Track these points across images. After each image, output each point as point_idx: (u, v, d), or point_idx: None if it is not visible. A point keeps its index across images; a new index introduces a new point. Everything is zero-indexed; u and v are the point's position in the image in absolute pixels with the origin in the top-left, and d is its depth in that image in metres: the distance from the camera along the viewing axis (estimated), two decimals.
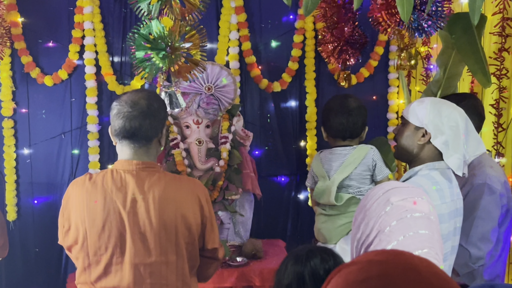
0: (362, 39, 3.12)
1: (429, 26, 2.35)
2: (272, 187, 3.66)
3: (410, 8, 1.81)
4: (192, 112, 3.06)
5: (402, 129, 1.97)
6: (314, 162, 2.73)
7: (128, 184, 1.78)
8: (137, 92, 1.85)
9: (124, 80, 3.51)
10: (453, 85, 2.83)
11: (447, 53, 2.77)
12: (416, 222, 1.22)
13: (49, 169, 3.51)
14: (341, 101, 2.63)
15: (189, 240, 1.83)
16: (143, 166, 1.81)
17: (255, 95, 3.64)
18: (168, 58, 2.17)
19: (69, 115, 3.48)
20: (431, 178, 1.83)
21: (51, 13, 3.44)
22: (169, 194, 1.80)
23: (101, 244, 1.75)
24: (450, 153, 1.83)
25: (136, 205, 1.76)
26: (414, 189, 1.33)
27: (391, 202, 1.26)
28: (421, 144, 1.90)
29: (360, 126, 2.62)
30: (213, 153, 3.11)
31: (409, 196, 1.28)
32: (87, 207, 1.75)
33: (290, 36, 3.60)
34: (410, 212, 1.24)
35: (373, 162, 2.58)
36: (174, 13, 2.22)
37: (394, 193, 1.30)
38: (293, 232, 3.73)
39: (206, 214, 1.88)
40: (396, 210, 1.25)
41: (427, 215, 1.24)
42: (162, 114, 1.86)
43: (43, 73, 3.43)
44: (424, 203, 1.27)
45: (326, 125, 2.68)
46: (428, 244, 1.20)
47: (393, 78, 3.67)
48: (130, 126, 1.78)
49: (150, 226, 1.76)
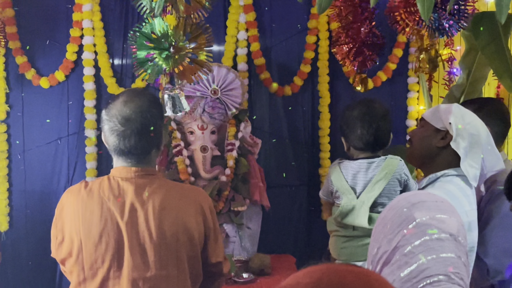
0: (379, 40, 3.12)
1: (451, 26, 2.34)
2: (281, 198, 3.65)
3: (431, 6, 1.80)
4: (197, 117, 3.06)
5: (420, 130, 2.01)
6: (333, 174, 2.52)
7: (126, 192, 1.77)
8: (127, 103, 1.78)
9: (125, 82, 3.52)
10: (477, 89, 2.82)
11: (471, 55, 2.77)
12: (441, 244, 1.18)
13: (44, 176, 3.52)
14: (366, 108, 2.42)
15: (191, 252, 1.82)
16: (142, 173, 1.81)
17: (264, 100, 3.64)
18: (172, 59, 2.17)
19: (66, 119, 3.50)
20: (456, 183, 1.87)
21: (48, 10, 3.46)
22: (170, 203, 1.79)
23: (97, 257, 1.74)
24: (467, 161, 1.86)
25: (135, 214, 1.75)
26: (444, 204, 1.27)
27: (416, 218, 1.21)
28: (440, 147, 1.93)
29: (388, 135, 2.45)
30: (219, 161, 3.11)
31: (437, 214, 1.23)
32: (83, 217, 1.75)
33: (303, 37, 3.59)
34: (437, 232, 1.19)
35: (405, 176, 2.41)
36: (179, 11, 2.22)
37: (420, 208, 1.24)
38: (304, 246, 3.71)
39: (209, 225, 1.86)
40: (420, 229, 1.20)
41: (454, 236, 1.19)
42: (158, 122, 1.83)
43: (39, 75, 3.45)
44: (453, 222, 1.22)
45: (349, 136, 2.46)
46: (453, 269, 1.15)
47: (413, 82, 3.65)
48: (124, 146, 1.77)
49: (150, 238, 1.75)
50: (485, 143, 1.89)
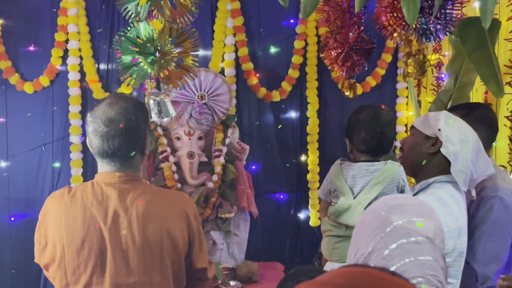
0: (368, 45, 3.14)
1: (438, 30, 2.38)
2: (269, 205, 3.67)
3: (416, 11, 1.83)
4: (184, 122, 3.07)
5: (411, 138, 2.08)
6: (334, 174, 2.61)
7: (110, 198, 1.78)
8: (112, 104, 1.80)
9: (111, 87, 3.53)
10: (465, 95, 2.85)
11: (458, 61, 2.80)
12: (418, 247, 1.19)
13: (28, 183, 3.52)
14: (374, 113, 2.51)
15: (175, 258, 1.83)
16: (126, 179, 1.82)
17: (252, 105, 3.67)
18: (157, 63, 2.19)
19: (50, 125, 3.50)
20: (447, 190, 1.92)
21: (33, 14, 3.47)
22: (154, 209, 1.80)
23: (80, 263, 1.75)
24: (457, 167, 1.91)
25: (118, 220, 1.76)
26: (422, 208, 1.30)
27: (393, 222, 1.23)
28: (430, 153, 1.98)
29: (391, 142, 2.54)
30: (206, 168, 3.12)
31: (413, 217, 1.25)
32: (65, 222, 1.76)
33: (291, 42, 3.63)
34: (413, 235, 1.21)
35: (402, 182, 2.50)
36: (164, 15, 2.24)
37: (397, 211, 1.26)
38: (292, 254, 3.72)
39: (194, 231, 1.88)
40: (397, 232, 1.22)
41: (430, 240, 1.21)
42: (142, 126, 1.84)
43: (23, 79, 3.45)
44: (430, 226, 1.24)
45: (353, 138, 2.54)
46: (431, 271, 1.17)
47: (402, 88, 3.70)
48: (108, 147, 1.78)
49: (133, 243, 1.76)
50: (475, 148, 1.94)
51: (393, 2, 2.40)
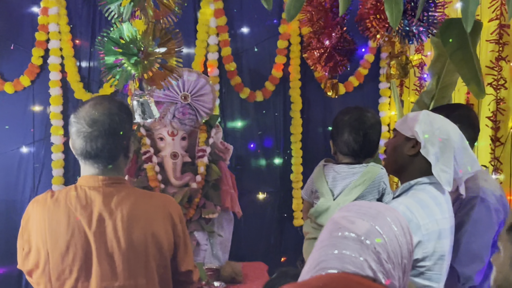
0: (350, 46, 3.16)
1: (420, 32, 2.41)
2: (253, 205, 3.68)
3: (399, 13, 1.85)
4: (167, 123, 3.06)
5: (392, 140, 2.09)
6: (316, 175, 2.59)
7: (94, 202, 1.77)
8: (96, 105, 1.80)
9: (92, 87, 3.51)
10: (447, 95, 2.88)
11: (440, 61, 2.83)
12: (345, 242, 1.20)
13: (8, 185, 3.48)
14: (358, 115, 2.45)
15: (160, 262, 1.83)
16: (110, 182, 1.81)
17: (236, 105, 3.67)
18: (141, 64, 2.17)
19: (31, 126, 3.47)
20: (428, 192, 1.91)
21: (13, 13, 3.43)
22: (139, 212, 1.80)
23: (64, 268, 1.73)
24: (439, 166, 1.90)
25: (103, 224, 1.75)
26: (367, 209, 1.30)
27: (334, 217, 1.29)
28: (411, 155, 1.99)
29: (375, 145, 2.50)
30: (189, 168, 3.11)
31: (351, 215, 1.27)
32: (49, 227, 1.74)
33: (274, 42, 3.64)
34: (342, 230, 1.23)
35: (383, 185, 2.46)
36: (148, 16, 2.23)
37: (342, 209, 1.32)
38: (276, 254, 3.74)
39: (179, 234, 1.88)
40: (331, 226, 1.27)
41: (359, 238, 1.21)
42: (126, 127, 1.84)
43: (3, 79, 3.42)
44: (364, 225, 1.23)
45: (337, 141, 2.50)
46: (352, 267, 1.15)
47: (384, 88, 3.73)
48: (91, 148, 1.77)
49: (118, 247, 1.75)
50: (459, 146, 1.94)
51: (376, 4, 2.42)
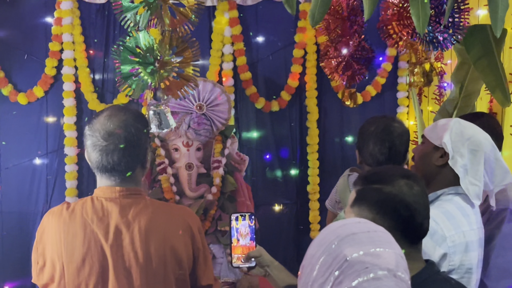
0: (368, 54, 3.12)
1: (445, 39, 2.36)
2: (269, 217, 3.63)
3: (426, 18, 1.80)
4: (182, 133, 3.03)
5: (420, 148, 2.01)
6: (341, 185, 2.54)
7: (111, 214, 1.73)
8: (111, 117, 1.75)
9: (106, 98, 3.49)
10: (470, 104, 2.83)
11: (463, 69, 2.78)
12: (378, 284, 1.04)
13: (21, 196, 3.46)
14: (384, 125, 2.36)
15: (179, 275, 1.77)
16: (127, 193, 1.76)
17: (251, 115, 3.63)
18: (157, 73, 2.14)
19: (44, 137, 3.45)
20: (456, 203, 1.84)
21: (27, 24, 3.43)
22: (157, 224, 1.75)
23: (80, 282, 1.69)
24: (468, 179, 1.84)
25: (120, 237, 1.71)
26: (377, 234, 1.14)
27: (347, 256, 1.08)
28: (439, 165, 1.91)
29: (402, 156, 2.39)
30: (205, 179, 3.08)
31: (370, 247, 1.09)
32: (65, 240, 1.70)
33: (290, 51, 3.60)
34: (372, 270, 1.05)
35: None
36: (164, 24, 2.20)
37: (351, 242, 1.10)
38: (294, 266, 3.66)
39: (198, 246, 1.82)
40: (353, 269, 1.06)
41: (393, 272, 1.06)
42: (143, 139, 1.79)
43: (16, 90, 3.41)
44: (390, 255, 1.09)
45: (362, 151, 2.42)
46: None
47: (403, 97, 3.67)
48: (107, 162, 1.73)
49: (136, 261, 1.70)
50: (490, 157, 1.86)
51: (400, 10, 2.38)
